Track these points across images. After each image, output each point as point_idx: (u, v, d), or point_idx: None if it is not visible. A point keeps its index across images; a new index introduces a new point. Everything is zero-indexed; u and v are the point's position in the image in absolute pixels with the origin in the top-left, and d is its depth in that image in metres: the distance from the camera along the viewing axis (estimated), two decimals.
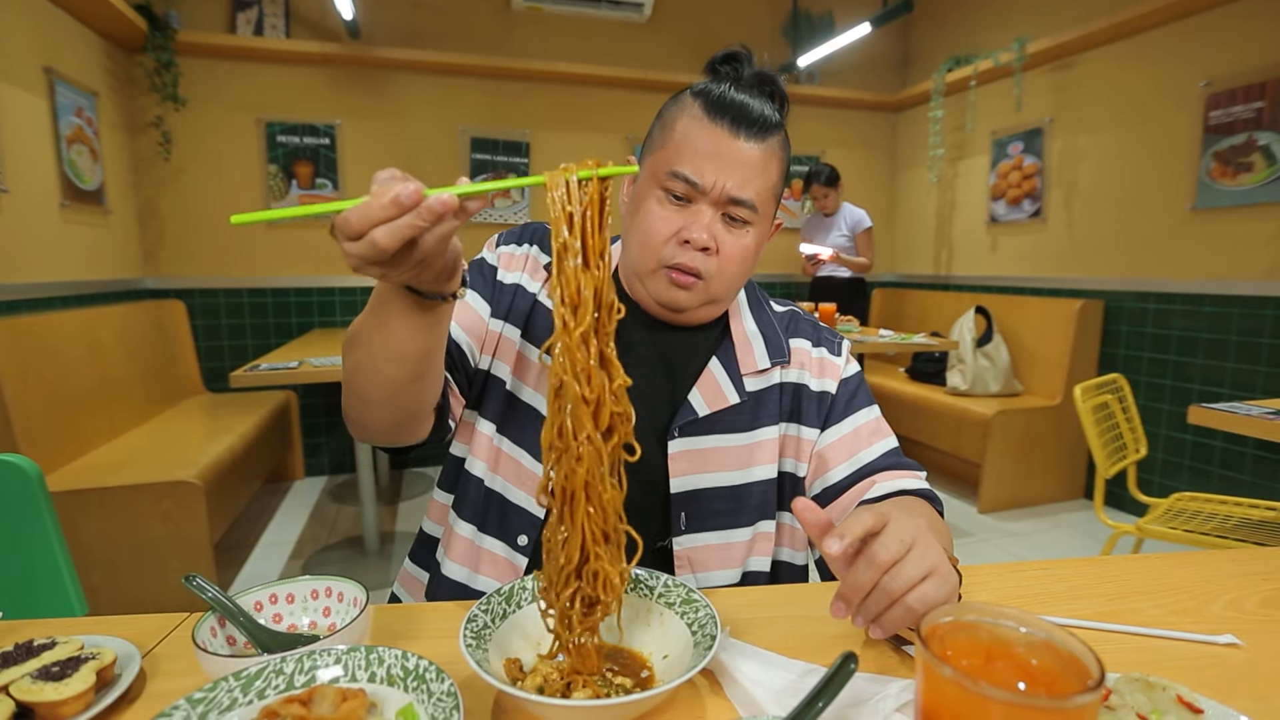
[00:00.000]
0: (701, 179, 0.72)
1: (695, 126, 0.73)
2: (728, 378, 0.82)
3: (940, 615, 0.41)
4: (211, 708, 0.45)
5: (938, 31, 4.17)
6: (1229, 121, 2.63)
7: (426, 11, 3.55)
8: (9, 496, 0.85)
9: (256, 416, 2.80)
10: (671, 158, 0.74)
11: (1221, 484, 2.68)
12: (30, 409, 1.99)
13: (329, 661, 0.49)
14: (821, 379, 0.86)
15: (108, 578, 1.96)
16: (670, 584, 0.60)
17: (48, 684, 0.48)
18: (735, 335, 0.85)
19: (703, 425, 0.80)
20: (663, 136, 0.76)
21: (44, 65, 2.50)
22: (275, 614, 0.61)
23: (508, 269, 0.85)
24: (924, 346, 2.85)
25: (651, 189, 0.76)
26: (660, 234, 0.74)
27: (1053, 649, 0.39)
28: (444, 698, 0.45)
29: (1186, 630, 0.62)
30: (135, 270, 3.20)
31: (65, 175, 2.60)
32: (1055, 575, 0.74)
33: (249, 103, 3.33)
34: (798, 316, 0.91)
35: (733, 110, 0.72)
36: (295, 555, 2.61)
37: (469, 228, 3.73)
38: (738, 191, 0.73)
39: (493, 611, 0.57)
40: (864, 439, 0.84)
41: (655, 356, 0.82)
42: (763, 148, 0.73)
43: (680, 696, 0.52)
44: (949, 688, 0.35)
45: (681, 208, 0.74)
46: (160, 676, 0.55)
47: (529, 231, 0.88)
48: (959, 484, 3.48)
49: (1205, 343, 2.76)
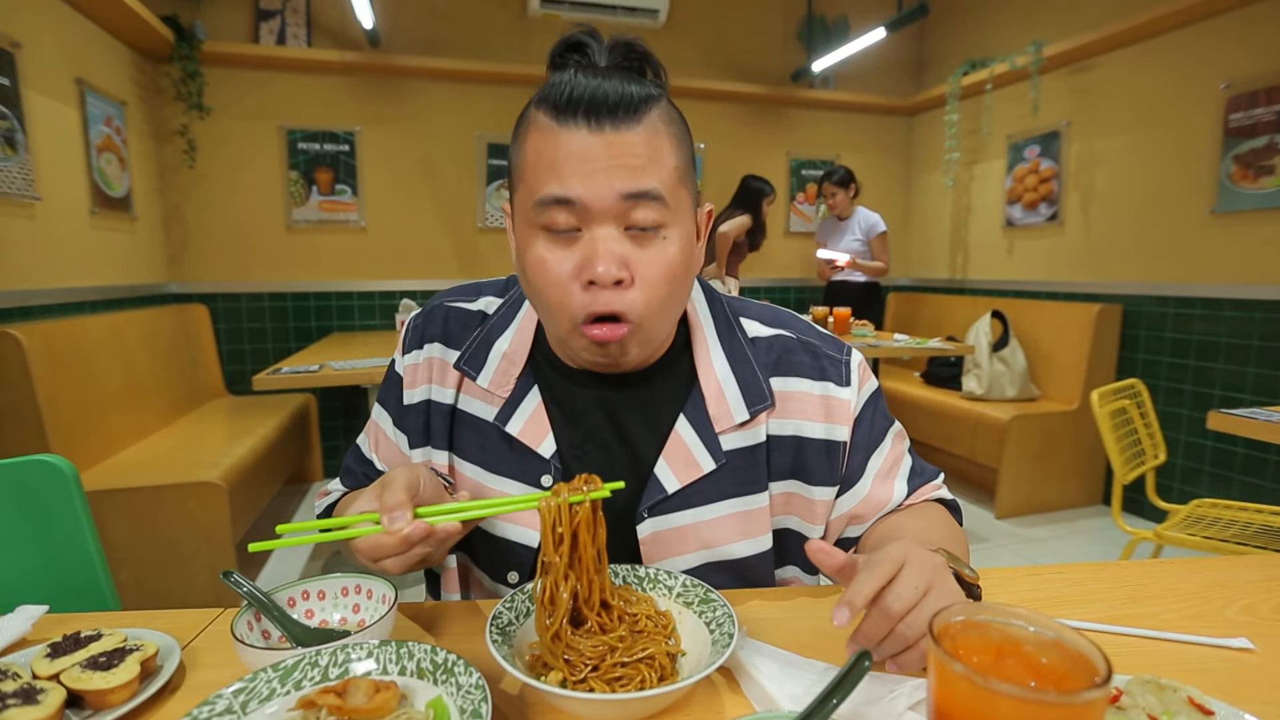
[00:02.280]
0: (577, 194, 0.56)
1: (545, 137, 0.58)
2: (699, 441, 0.68)
3: (952, 614, 0.41)
4: (252, 697, 0.47)
5: (953, 35, 4.16)
6: (1250, 124, 2.60)
7: (445, 20, 3.60)
8: (47, 495, 0.87)
9: (277, 419, 2.85)
10: (534, 185, 0.58)
11: (1243, 490, 2.64)
12: (61, 410, 2.04)
13: (362, 655, 0.51)
14: (830, 424, 0.70)
15: (134, 575, 2.01)
16: (689, 583, 0.62)
17: (96, 673, 0.50)
18: (704, 383, 0.69)
19: (675, 501, 0.67)
20: (516, 165, 0.62)
21: (75, 76, 2.57)
22: (307, 609, 0.62)
23: (412, 385, 0.74)
24: (940, 351, 2.84)
25: (529, 232, 0.60)
26: (556, 284, 0.59)
27: (1062, 648, 0.39)
28: (473, 690, 0.47)
29: (1199, 634, 0.61)
30: (160, 275, 3.27)
31: (95, 183, 2.67)
32: (1070, 579, 0.74)
33: (271, 110, 3.40)
34: (789, 345, 0.72)
35: (584, 102, 0.56)
36: (315, 556, 2.65)
37: (486, 232, 3.78)
38: (629, 185, 0.56)
39: (516, 609, 0.58)
40: (889, 483, 0.73)
41: (608, 427, 0.69)
42: (641, 129, 0.57)
43: (698, 693, 0.53)
44: (960, 684, 0.36)
45: (570, 241, 0.59)
46: (199, 668, 0.57)
47: (428, 323, 0.75)
48: (975, 489, 3.46)
49: (1226, 347, 2.72)
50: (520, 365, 0.71)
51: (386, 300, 3.67)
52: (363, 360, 2.37)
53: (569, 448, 0.70)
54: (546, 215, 0.58)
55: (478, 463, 0.71)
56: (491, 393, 0.71)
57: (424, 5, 3.57)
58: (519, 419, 0.69)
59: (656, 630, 0.56)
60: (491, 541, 0.72)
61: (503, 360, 0.71)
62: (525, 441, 0.69)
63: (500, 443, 0.70)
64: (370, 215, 3.60)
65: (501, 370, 0.71)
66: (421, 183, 3.67)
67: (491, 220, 3.78)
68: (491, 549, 0.72)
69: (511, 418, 0.69)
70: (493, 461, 0.70)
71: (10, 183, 2.17)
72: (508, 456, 0.70)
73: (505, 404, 0.70)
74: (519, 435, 0.69)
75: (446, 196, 3.71)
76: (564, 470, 0.69)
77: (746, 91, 4.04)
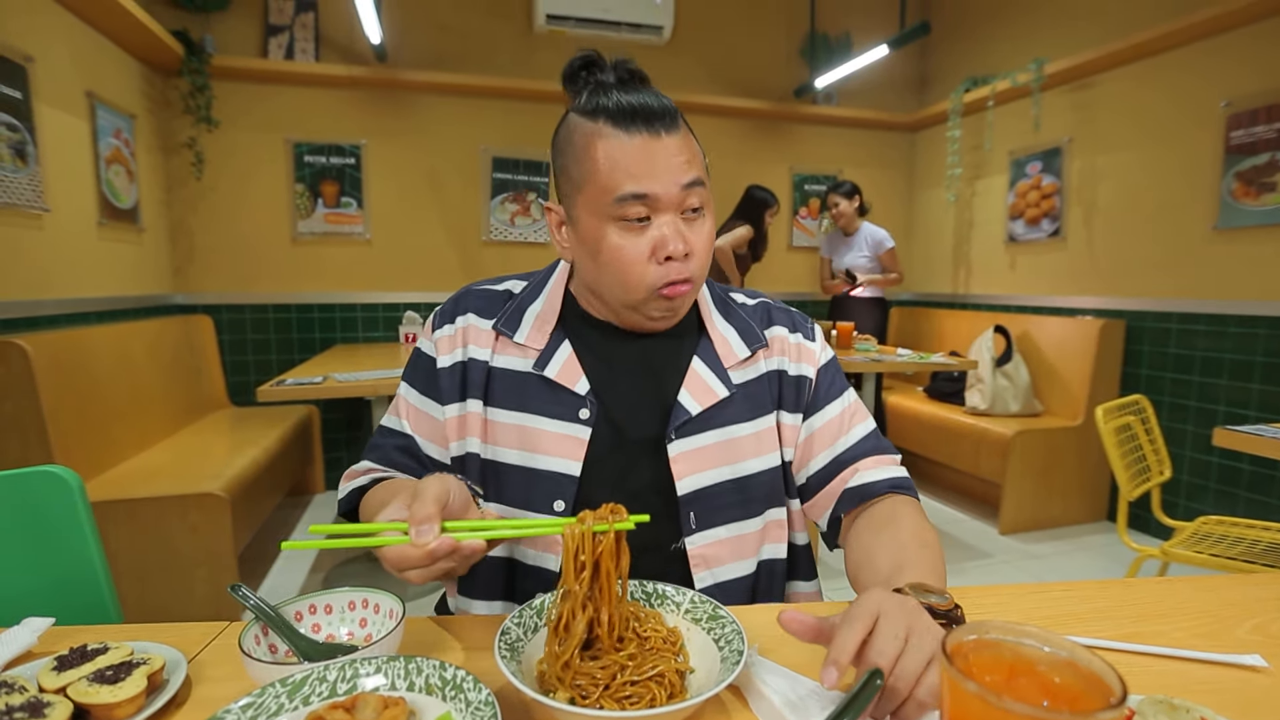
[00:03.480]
0: (652, 190, 0.70)
1: (615, 144, 0.70)
2: (713, 374, 0.82)
3: (964, 633, 0.41)
4: (260, 712, 0.46)
5: (955, 52, 4.20)
6: (1251, 141, 2.62)
7: (451, 35, 3.64)
8: (51, 506, 0.87)
9: (279, 430, 2.85)
10: (610, 186, 0.71)
11: (1249, 507, 2.63)
12: (65, 421, 2.04)
13: (370, 670, 0.51)
14: (799, 364, 0.86)
15: (135, 586, 2.00)
16: (696, 600, 0.61)
17: (103, 687, 0.50)
18: (711, 332, 0.85)
19: (698, 424, 0.80)
20: (584, 169, 0.73)
21: (86, 89, 2.59)
22: (314, 624, 0.62)
23: (446, 353, 0.84)
24: (943, 366, 2.84)
25: (603, 224, 0.73)
26: (638, 264, 0.73)
27: (1075, 667, 0.39)
28: (482, 706, 0.46)
29: (1210, 653, 0.61)
30: (166, 286, 3.28)
31: (103, 195, 2.69)
32: (1078, 597, 0.74)
33: (278, 123, 3.43)
34: (769, 306, 0.91)
35: (640, 112, 0.70)
36: (315, 569, 2.64)
37: (491, 245, 3.79)
38: (686, 175, 0.71)
39: (525, 625, 0.58)
40: (845, 424, 0.86)
41: (639, 366, 0.83)
42: (679, 133, 0.72)
43: (708, 711, 0.52)
44: (973, 703, 0.35)
45: (643, 228, 0.73)
46: (205, 682, 0.57)
47: (459, 304, 0.86)
48: (979, 505, 3.44)
49: (1230, 363, 2.72)
50: (553, 323, 0.83)
51: (390, 312, 3.68)
52: (366, 372, 2.38)
53: (601, 386, 0.81)
54: (623, 208, 0.71)
55: (517, 408, 0.81)
56: (527, 347, 0.82)
57: (431, 21, 3.61)
58: (555, 365, 0.80)
59: (665, 647, 0.56)
60: (534, 475, 0.79)
61: (537, 320, 0.83)
62: (562, 383, 0.80)
63: (539, 387, 0.81)
64: (375, 228, 3.62)
65: (536, 327, 0.82)
66: (427, 196, 3.69)
67: (496, 233, 3.80)
68: (533, 481, 0.79)
69: (548, 364, 0.80)
70: (532, 404, 0.80)
71: (20, 194, 2.19)
72: (546, 398, 0.80)
73: (541, 354, 0.81)
74: (556, 378, 0.80)
75: (451, 209, 3.73)
76: (599, 404, 0.80)
77: (750, 107, 4.07)
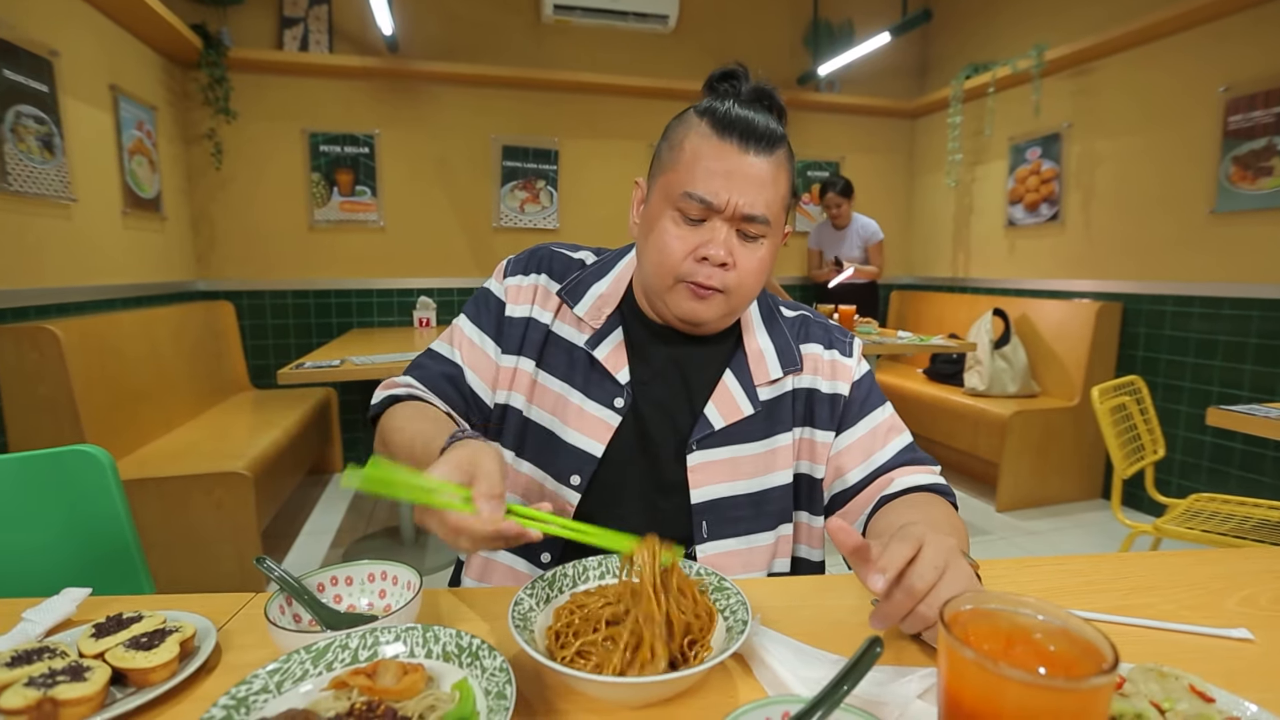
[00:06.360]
0: (715, 198, 0.73)
1: (705, 145, 0.73)
2: (741, 390, 0.83)
3: (962, 603, 0.42)
4: (286, 677, 0.49)
5: (956, 39, 4.22)
6: (1249, 126, 2.65)
7: (461, 26, 3.70)
8: (86, 483, 0.90)
9: (299, 412, 2.94)
10: (684, 179, 0.74)
11: (1241, 485, 2.69)
12: (95, 403, 2.12)
13: (390, 638, 0.53)
14: (834, 381, 0.86)
15: (164, 560, 2.08)
16: (702, 571, 0.63)
17: (139, 653, 0.52)
18: (748, 348, 0.85)
19: (719, 437, 0.82)
20: (672, 157, 0.76)
21: (110, 82, 2.68)
22: (336, 595, 0.65)
23: (516, 302, 0.86)
24: (942, 348, 2.90)
25: (665, 209, 0.76)
26: (677, 254, 0.75)
27: (1069, 636, 0.40)
28: (496, 672, 0.48)
29: (1200, 624, 0.63)
30: (188, 273, 3.38)
31: (127, 185, 2.77)
32: (1071, 570, 0.75)
33: (294, 114, 3.50)
34: (808, 321, 0.91)
35: (740, 126, 0.73)
36: (336, 544, 2.74)
37: (501, 231, 3.87)
38: (750, 208, 0.73)
39: (537, 595, 0.60)
40: (880, 439, 0.85)
41: (672, 369, 0.84)
42: (771, 161, 0.74)
43: (712, 677, 0.54)
44: (970, 670, 0.37)
45: (696, 227, 0.75)
46: (234, 649, 0.59)
47: (536, 259, 0.89)
48: (977, 483, 3.51)
49: (1224, 345, 2.77)
50: (612, 306, 0.86)
51: (404, 298, 3.77)
52: (382, 355, 2.46)
53: (639, 382, 0.84)
54: (685, 204, 0.74)
55: (563, 379, 0.84)
56: (584, 322, 0.85)
57: (442, 12, 3.67)
58: (605, 348, 0.84)
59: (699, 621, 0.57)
60: (559, 444, 0.82)
61: (598, 299, 0.86)
62: (607, 367, 0.83)
63: (585, 364, 0.84)
64: (389, 215, 3.70)
65: (595, 306, 0.85)
66: (438, 184, 3.76)
67: (506, 220, 3.87)
68: (555, 451, 0.82)
69: (599, 346, 0.84)
70: (576, 379, 0.84)
71: (48, 185, 2.28)
72: (589, 378, 0.84)
73: (595, 334, 0.84)
74: (603, 360, 0.83)
75: (463, 197, 3.81)
76: (633, 397, 0.83)
77: None
